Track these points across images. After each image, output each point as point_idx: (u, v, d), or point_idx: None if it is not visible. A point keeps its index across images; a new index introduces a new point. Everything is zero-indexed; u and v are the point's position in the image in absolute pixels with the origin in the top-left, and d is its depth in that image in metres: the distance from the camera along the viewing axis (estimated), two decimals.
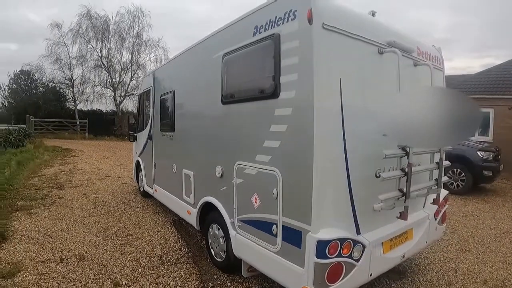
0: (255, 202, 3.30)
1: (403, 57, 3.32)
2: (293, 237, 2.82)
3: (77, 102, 30.15)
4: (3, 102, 29.73)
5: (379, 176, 2.96)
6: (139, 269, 4.23)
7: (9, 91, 29.34)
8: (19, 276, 4.00)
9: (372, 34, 3.04)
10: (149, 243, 5.15)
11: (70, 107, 30.34)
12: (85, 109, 30.82)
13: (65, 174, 10.95)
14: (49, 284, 3.83)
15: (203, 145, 4.52)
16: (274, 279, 3.16)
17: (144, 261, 4.49)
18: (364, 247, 2.89)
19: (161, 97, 6.16)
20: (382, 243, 3.17)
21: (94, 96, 30.78)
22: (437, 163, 3.56)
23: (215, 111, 4.07)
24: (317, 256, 2.61)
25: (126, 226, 5.93)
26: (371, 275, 3.03)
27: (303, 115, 2.67)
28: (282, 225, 2.94)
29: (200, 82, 4.55)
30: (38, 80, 29.89)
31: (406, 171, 2.99)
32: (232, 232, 3.69)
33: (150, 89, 6.93)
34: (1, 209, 6.55)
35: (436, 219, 3.98)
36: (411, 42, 3.54)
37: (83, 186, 9.16)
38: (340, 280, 2.73)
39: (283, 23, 2.84)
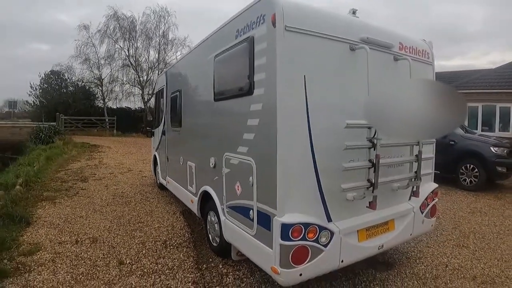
0: (238, 189, 3.65)
1: (382, 53, 3.54)
2: (264, 221, 3.13)
3: (106, 100, 31.44)
4: (35, 101, 31.33)
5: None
6: (144, 251, 4.70)
7: (40, 90, 30.90)
8: (38, 254, 4.56)
9: (343, 32, 3.22)
10: (157, 229, 5.61)
11: (99, 105, 31.67)
12: (114, 107, 32.08)
13: (90, 168, 11.68)
14: (63, 261, 4.36)
15: (201, 139, 4.95)
16: (252, 260, 3.49)
17: (149, 244, 4.95)
18: (332, 233, 3.10)
19: (171, 95, 6.64)
20: (357, 231, 3.37)
21: (122, 94, 31.99)
22: (416, 155, 3.66)
23: (210, 108, 4.47)
24: (282, 238, 2.87)
25: (139, 214, 6.44)
26: (342, 261, 3.22)
27: (269, 110, 2.97)
28: (257, 210, 3.26)
29: (199, 81, 5.01)
30: (68, 80, 31.42)
31: (374, 162, 3.17)
32: (222, 218, 4.06)
33: (163, 88, 7.44)
34: (28, 199, 7.23)
35: (422, 212, 4.09)
36: (390, 37, 3.67)
37: (106, 179, 9.81)
38: (306, 263, 2.96)
39: (256, 27, 3.16)
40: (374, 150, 3.18)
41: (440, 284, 3.91)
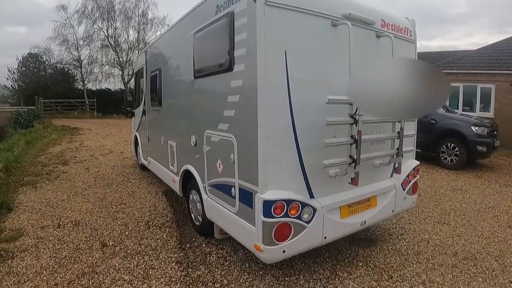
0: (219, 167, 3.68)
1: (364, 29, 3.55)
2: (246, 198, 3.18)
3: (86, 82, 30.84)
4: (13, 85, 30.56)
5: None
6: (126, 232, 4.73)
7: (19, 74, 30.11)
8: (20, 240, 4.54)
9: (325, 8, 3.21)
10: (140, 210, 5.65)
11: (79, 87, 31.05)
12: (94, 89, 31.49)
13: (71, 151, 11.54)
14: (46, 246, 4.36)
15: (182, 117, 4.94)
16: (235, 238, 3.55)
17: (132, 225, 4.99)
18: (314, 210, 3.16)
19: (151, 74, 6.55)
20: (340, 208, 3.44)
21: (102, 75, 31.45)
22: (398, 132, 3.71)
23: (190, 85, 4.45)
24: (264, 215, 2.91)
25: (121, 196, 6.44)
26: (325, 238, 3.29)
27: (250, 86, 2.98)
28: (239, 188, 3.31)
29: (179, 59, 4.97)
30: (47, 62, 30.67)
31: (356, 138, 3.22)
32: (204, 196, 4.11)
33: (143, 67, 7.32)
34: (9, 185, 7.13)
35: (404, 189, 4.17)
36: (373, 14, 3.66)
37: (87, 162, 9.73)
38: (289, 240, 3.01)
39: (236, 1, 3.12)
40: (356, 126, 3.22)
41: (422, 260, 4.02)
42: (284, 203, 2.97)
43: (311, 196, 3.23)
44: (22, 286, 3.49)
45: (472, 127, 9.14)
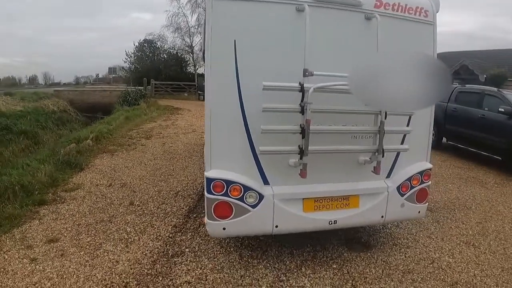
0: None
1: (348, 11, 3.36)
2: None
3: (197, 67, 33.78)
4: (130, 67, 35.11)
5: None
6: (155, 197, 5.63)
7: (135, 58, 34.53)
8: (76, 191, 5.88)
9: None
10: (180, 182, 6.52)
11: (191, 71, 34.19)
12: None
13: (161, 128, 13.24)
14: (90, 198, 5.58)
15: None
16: None
17: (164, 192, 5.88)
18: (261, 196, 3.29)
19: None
20: (303, 200, 3.46)
21: None
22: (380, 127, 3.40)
23: None
24: (207, 192, 3.26)
25: (174, 169, 7.44)
26: (277, 227, 3.39)
27: (206, 72, 3.33)
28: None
29: None
30: (161, 48, 34.43)
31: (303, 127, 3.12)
32: None
33: None
34: (93, 151, 8.84)
35: (402, 194, 3.81)
36: None
37: (167, 138, 11.15)
38: (230, 219, 3.25)
39: None
40: (303, 114, 3.12)
41: (406, 280, 3.65)
42: (224, 183, 3.21)
43: (266, 182, 3.37)
44: (56, 221, 4.71)
45: None
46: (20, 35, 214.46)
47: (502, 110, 8.03)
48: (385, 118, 3.33)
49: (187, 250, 3.98)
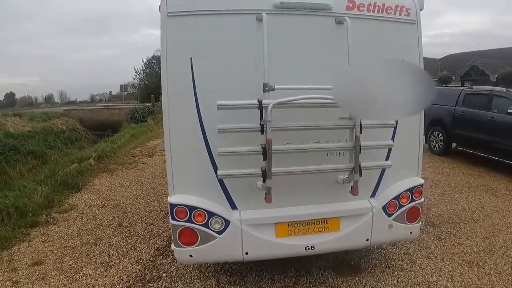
0: None
1: (316, 17, 3.14)
2: None
3: None
4: (140, 84, 35.85)
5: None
6: (144, 218, 5.65)
7: (144, 74, 35.22)
8: (69, 212, 5.97)
9: (249, 2, 3.04)
10: None
11: None
12: None
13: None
14: (81, 219, 5.66)
15: None
16: None
17: (154, 213, 5.89)
18: (227, 222, 3.15)
19: None
20: (275, 225, 3.28)
21: None
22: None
23: None
24: (171, 217, 3.15)
25: None
26: (247, 253, 3.21)
27: (163, 92, 3.09)
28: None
29: None
30: None
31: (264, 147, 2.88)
32: None
33: None
34: (94, 170, 9.00)
35: (389, 214, 3.53)
36: None
37: None
38: (196, 246, 3.14)
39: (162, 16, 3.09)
40: (263, 134, 2.87)
41: None
42: (186, 209, 3.10)
43: (233, 207, 3.24)
44: (44, 244, 4.80)
45: None
46: (34, 55, 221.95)
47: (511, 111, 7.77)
48: (360, 132, 3.01)
49: (164, 274, 3.94)
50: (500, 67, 21.94)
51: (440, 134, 9.89)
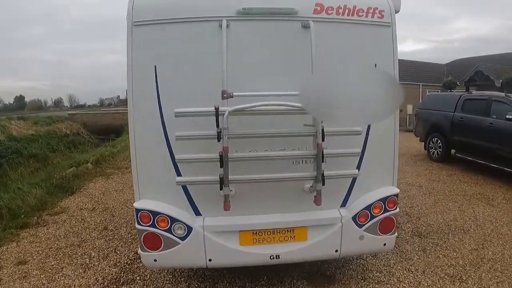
0: None
1: (281, 22, 3.14)
2: None
3: None
4: None
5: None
6: (130, 222, 5.78)
7: None
8: (60, 215, 6.14)
9: (212, 10, 3.06)
10: None
11: None
12: None
13: None
14: (70, 222, 5.81)
15: None
16: None
17: None
18: (190, 228, 3.19)
19: None
20: (239, 232, 3.28)
21: None
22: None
23: None
24: (137, 222, 3.19)
25: None
26: (210, 260, 3.24)
27: (128, 99, 3.18)
28: None
29: None
30: None
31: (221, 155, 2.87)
32: None
33: None
34: (91, 174, 9.20)
35: (360, 225, 3.43)
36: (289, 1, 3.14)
37: None
38: (159, 251, 3.19)
39: (128, 25, 3.16)
40: (219, 141, 2.85)
41: None
42: (150, 214, 3.14)
43: (197, 213, 3.28)
44: (31, 244, 4.97)
45: None
46: (44, 59, 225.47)
47: (510, 117, 7.67)
48: (323, 140, 2.92)
49: (138, 278, 4.03)
50: (505, 72, 21.77)
51: (439, 141, 9.87)
